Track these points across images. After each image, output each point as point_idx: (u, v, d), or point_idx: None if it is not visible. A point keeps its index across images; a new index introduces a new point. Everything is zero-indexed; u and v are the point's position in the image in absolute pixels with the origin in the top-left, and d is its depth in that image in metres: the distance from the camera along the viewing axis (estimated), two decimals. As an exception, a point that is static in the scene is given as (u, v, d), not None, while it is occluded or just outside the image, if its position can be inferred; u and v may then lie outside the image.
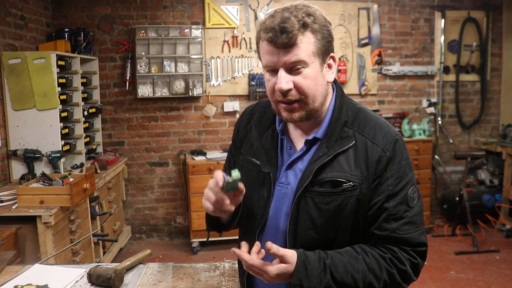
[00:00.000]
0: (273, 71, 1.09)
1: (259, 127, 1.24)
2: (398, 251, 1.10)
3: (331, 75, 1.14)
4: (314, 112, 1.11)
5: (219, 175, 1.07)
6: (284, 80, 1.06)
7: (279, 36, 1.03)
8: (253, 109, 1.32)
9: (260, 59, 1.12)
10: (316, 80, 1.08)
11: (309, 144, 1.15)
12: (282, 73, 1.06)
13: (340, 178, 1.08)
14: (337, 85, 1.20)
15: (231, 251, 1.07)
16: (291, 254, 1.04)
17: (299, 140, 1.18)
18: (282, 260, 1.04)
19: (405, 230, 1.10)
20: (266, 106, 1.28)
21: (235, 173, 1.06)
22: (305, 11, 1.05)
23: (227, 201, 1.09)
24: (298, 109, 1.09)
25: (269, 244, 1.01)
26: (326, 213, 1.09)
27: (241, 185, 1.09)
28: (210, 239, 4.19)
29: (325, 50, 1.09)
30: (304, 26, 1.04)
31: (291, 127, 1.21)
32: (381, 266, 1.08)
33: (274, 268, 1.03)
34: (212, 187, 1.10)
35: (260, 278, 1.06)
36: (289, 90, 1.06)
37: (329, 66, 1.13)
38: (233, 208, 1.12)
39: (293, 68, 1.06)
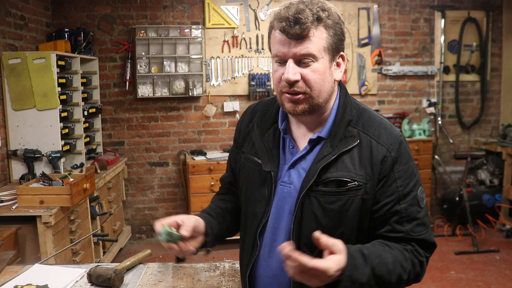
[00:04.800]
0: (282, 61, 1.08)
1: (261, 126, 1.23)
2: (415, 244, 1.10)
3: (339, 74, 1.13)
4: (317, 107, 1.10)
5: (157, 228, 1.14)
6: (292, 71, 1.05)
7: (292, 27, 1.03)
8: (255, 107, 1.31)
9: (270, 49, 1.12)
10: (324, 76, 1.08)
11: (313, 143, 1.14)
12: (290, 64, 1.06)
13: (344, 177, 1.08)
14: (341, 85, 1.20)
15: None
16: (340, 242, 0.97)
17: (301, 139, 1.18)
18: (333, 250, 0.95)
19: (418, 231, 1.10)
20: (268, 105, 1.27)
21: (164, 229, 1.11)
22: (320, 6, 1.05)
23: (177, 248, 1.15)
24: (302, 102, 1.08)
25: (317, 233, 0.94)
26: (330, 212, 1.09)
27: (182, 233, 1.13)
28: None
29: (336, 48, 1.09)
30: (318, 20, 1.04)
31: (293, 126, 1.20)
32: (406, 256, 1.07)
33: (333, 263, 0.93)
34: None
35: (306, 283, 0.95)
36: (296, 81, 1.06)
37: (338, 64, 1.13)
38: (192, 249, 1.15)
39: (302, 61, 1.06)
